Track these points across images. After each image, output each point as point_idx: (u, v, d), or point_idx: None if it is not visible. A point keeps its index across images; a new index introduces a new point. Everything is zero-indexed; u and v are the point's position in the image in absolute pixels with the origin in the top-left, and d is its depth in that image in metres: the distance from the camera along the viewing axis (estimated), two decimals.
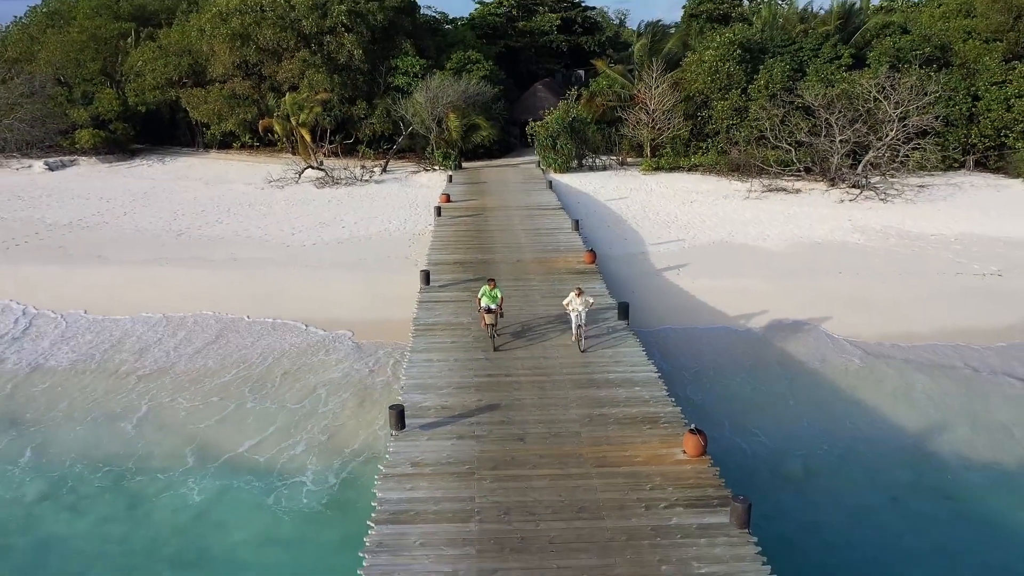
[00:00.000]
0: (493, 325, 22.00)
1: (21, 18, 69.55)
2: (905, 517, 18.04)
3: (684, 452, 16.26)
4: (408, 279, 29.85)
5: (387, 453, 16.63)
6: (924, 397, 23.48)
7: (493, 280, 22.73)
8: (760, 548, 13.29)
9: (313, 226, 40.69)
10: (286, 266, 34.27)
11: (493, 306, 21.87)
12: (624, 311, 24.15)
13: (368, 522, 14.18)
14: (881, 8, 70.61)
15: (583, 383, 19.82)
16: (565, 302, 22.19)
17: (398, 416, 17.30)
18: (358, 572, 12.92)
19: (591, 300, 22.03)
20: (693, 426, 16.57)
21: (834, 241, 37.37)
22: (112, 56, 62.54)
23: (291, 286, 31.86)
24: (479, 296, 22.25)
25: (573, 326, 22.20)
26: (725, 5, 68.63)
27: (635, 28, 70.14)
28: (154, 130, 63.54)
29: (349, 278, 32.54)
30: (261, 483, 19.52)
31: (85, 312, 29.75)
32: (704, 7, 68.52)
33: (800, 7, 65.23)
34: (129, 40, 63.09)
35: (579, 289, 22.02)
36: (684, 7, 70.32)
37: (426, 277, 27.92)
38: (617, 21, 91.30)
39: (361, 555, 13.30)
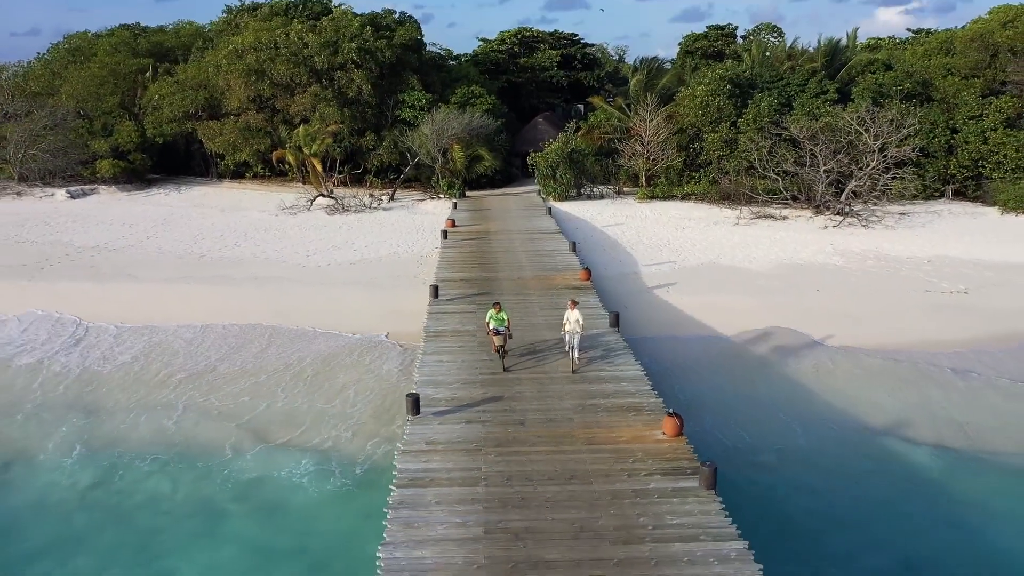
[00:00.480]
0: (503, 347, 23.19)
1: (44, 54, 72.87)
2: (865, 496, 20.29)
3: (664, 433, 18.58)
4: (417, 296, 32.34)
5: (404, 435, 18.96)
6: (886, 394, 25.96)
7: (499, 304, 23.65)
8: (724, 505, 15.56)
9: (326, 249, 43.29)
10: (304, 284, 36.87)
11: (502, 328, 22.99)
12: (615, 320, 26.57)
13: (390, 487, 16.50)
14: (868, 46, 73.88)
15: (576, 379, 22.18)
16: (563, 321, 23.02)
17: (414, 403, 19.68)
18: (384, 523, 15.20)
19: (581, 322, 22.62)
20: (671, 410, 18.96)
21: (815, 263, 39.87)
22: (131, 90, 65.64)
23: (309, 301, 34.38)
24: (487, 320, 23.25)
25: (567, 347, 22.86)
26: (719, 43, 71.89)
27: (633, 63, 72.93)
28: (170, 160, 66.48)
29: (363, 295, 35.08)
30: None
31: (122, 323, 32.25)
32: (699, 44, 71.84)
33: (788, 45, 68.13)
34: (147, 75, 66.17)
35: (573, 301, 23.46)
36: (680, 44, 73.66)
37: (435, 291, 30.41)
38: (616, 57, 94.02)
39: (385, 511, 15.61)
